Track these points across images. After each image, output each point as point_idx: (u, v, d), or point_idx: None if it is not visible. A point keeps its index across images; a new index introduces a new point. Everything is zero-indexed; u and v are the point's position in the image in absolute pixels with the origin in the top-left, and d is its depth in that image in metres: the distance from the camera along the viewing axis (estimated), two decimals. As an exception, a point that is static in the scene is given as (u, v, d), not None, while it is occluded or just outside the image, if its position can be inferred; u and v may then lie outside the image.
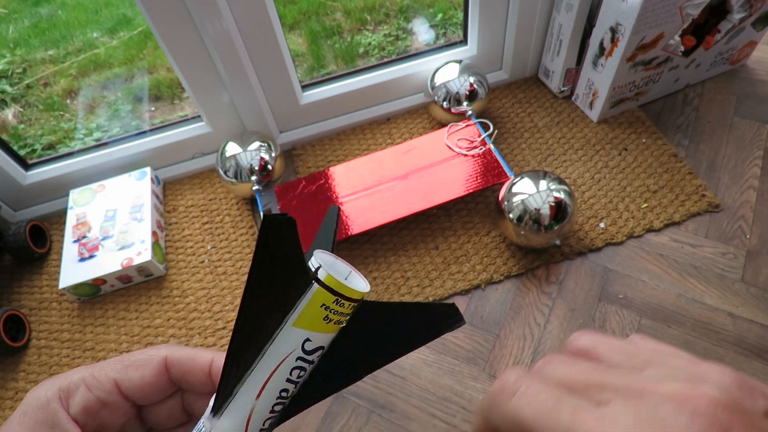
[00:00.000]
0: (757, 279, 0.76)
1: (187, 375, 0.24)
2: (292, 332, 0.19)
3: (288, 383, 0.20)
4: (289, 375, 0.20)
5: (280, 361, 0.19)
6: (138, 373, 0.23)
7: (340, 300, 0.19)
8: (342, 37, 1.49)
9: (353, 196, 0.87)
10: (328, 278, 0.19)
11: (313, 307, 0.19)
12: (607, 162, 0.93)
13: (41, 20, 1.70)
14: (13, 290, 0.90)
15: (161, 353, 0.24)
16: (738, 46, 0.98)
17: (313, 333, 0.19)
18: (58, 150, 1.27)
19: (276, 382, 0.20)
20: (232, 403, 0.20)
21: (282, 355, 0.19)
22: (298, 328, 0.19)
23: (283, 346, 0.19)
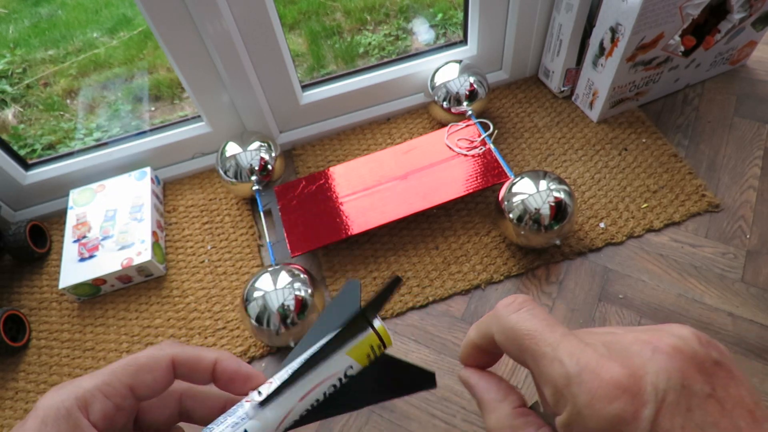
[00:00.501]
0: (757, 279, 0.76)
1: (192, 373, 0.25)
2: (344, 359, 0.24)
3: (323, 395, 0.24)
4: (326, 389, 0.24)
5: (327, 376, 0.24)
6: (150, 376, 0.24)
7: (381, 345, 0.24)
8: (342, 37, 1.49)
9: (353, 196, 0.87)
10: (381, 328, 0.24)
11: (364, 345, 0.24)
12: (607, 162, 0.93)
13: (41, 20, 1.70)
14: (13, 290, 0.90)
15: (167, 353, 0.25)
16: (738, 46, 0.98)
17: (356, 363, 0.24)
18: (58, 150, 1.27)
19: (317, 392, 0.24)
20: (278, 399, 0.23)
21: (330, 372, 0.24)
22: (349, 356, 0.24)
23: (334, 366, 0.24)
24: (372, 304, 0.24)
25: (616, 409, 0.16)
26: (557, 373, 0.18)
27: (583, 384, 0.17)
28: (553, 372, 0.18)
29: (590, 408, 0.17)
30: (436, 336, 0.76)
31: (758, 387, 0.67)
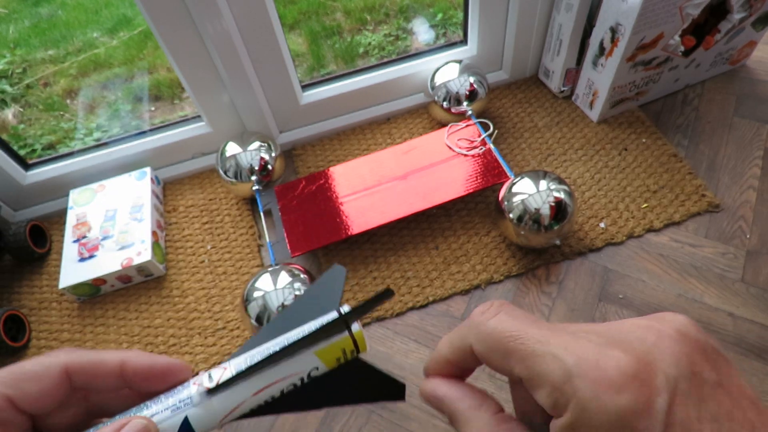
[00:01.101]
0: (757, 279, 0.76)
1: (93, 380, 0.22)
2: (311, 358, 0.22)
3: (280, 393, 0.22)
4: (285, 387, 0.22)
5: (288, 374, 0.22)
6: (35, 386, 0.21)
7: (354, 351, 0.23)
8: (342, 37, 1.49)
9: (353, 196, 0.87)
10: (359, 333, 0.22)
11: (336, 348, 0.22)
12: (607, 162, 0.93)
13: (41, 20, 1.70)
14: (13, 290, 0.90)
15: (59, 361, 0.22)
16: (738, 46, 0.98)
17: (322, 365, 0.22)
18: (58, 150, 1.27)
19: (274, 389, 0.22)
20: (230, 391, 0.21)
21: (293, 371, 0.22)
22: (317, 357, 0.22)
23: (298, 365, 0.22)
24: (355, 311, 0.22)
25: (627, 400, 0.15)
26: (553, 370, 0.16)
27: (586, 376, 0.15)
28: (549, 369, 0.16)
29: (597, 401, 0.15)
30: (436, 336, 0.76)
31: (758, 387, 0.67)
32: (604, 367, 0.15)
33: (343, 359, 0.23)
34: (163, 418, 0.21)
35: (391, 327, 0.78)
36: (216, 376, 0.21)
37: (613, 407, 0.15)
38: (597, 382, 0.15)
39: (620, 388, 0.15)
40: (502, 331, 0.18)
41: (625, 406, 0.15)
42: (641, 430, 0.15)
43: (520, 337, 0.18)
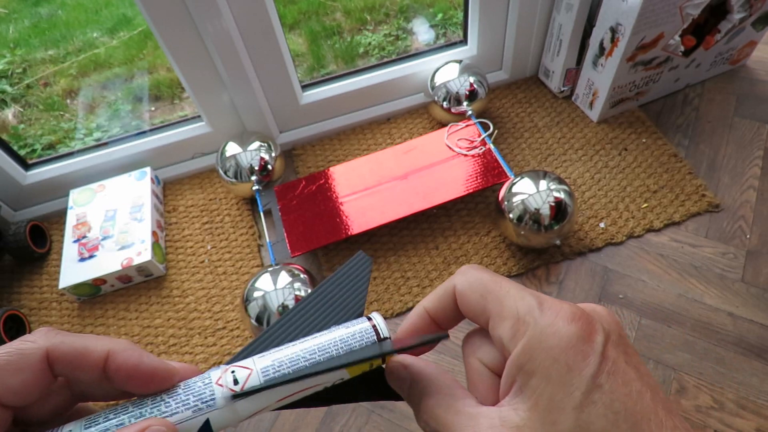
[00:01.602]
0: (757, 279, 0.76)
1: (75, 371, 0.20)
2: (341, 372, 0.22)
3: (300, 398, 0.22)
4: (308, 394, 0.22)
5: (315, 384, 0.22)
6: (16, 378, 0.19)
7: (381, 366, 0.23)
8: (342, 37, 1.49)
9: (353, 196, 0.87)
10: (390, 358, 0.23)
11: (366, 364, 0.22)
12: (607, 162, 0.93)
13: (41, 20, 1.70)
14: (13, 290, 0.90)
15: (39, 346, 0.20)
16: (738, 46, 0.98)
17: (348, 376, 0.22)
18: (58, 150, 1.27)
19: (298, 396, 0.22)
20: (256, 396, 0.21)
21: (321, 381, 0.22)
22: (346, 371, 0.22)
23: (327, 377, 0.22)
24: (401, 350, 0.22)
25: (576, 328, 0.18)
26: (521, 305, 0.20)
27: (545, 310, 0.19)
28: (517, 304, 0.20)
29: (553, 326, 0.19)
30: (436, 336, 0.76)
31: (758, 387, 0.67)
32: (560, 307, 0.19)
33: (367, 370, 0.23)
34: (182, 418, 0.20)
35: (392, 327, 0.78)
36: (241, 379, 0.20)
37: (565, 332, 0.18)
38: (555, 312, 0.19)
39: (571, 320, 0.19)
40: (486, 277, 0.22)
41: (575, 332, 0.18)
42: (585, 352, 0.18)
43: (500, 282, 0.21)
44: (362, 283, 0.24)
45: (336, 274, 0.24)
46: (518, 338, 0.19)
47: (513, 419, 0.18)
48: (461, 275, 0.23)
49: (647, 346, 0.72)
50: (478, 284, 0.22)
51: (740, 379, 0.68)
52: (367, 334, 0.22)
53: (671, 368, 0.70)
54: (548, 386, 0.18)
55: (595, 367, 0.18)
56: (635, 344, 0.72)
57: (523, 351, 0.19)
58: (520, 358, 0.19)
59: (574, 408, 0.17)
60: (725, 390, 0.67)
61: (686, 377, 0.69)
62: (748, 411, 0.65)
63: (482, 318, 0.22)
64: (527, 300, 0.20)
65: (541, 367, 0.18)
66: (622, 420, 0.17)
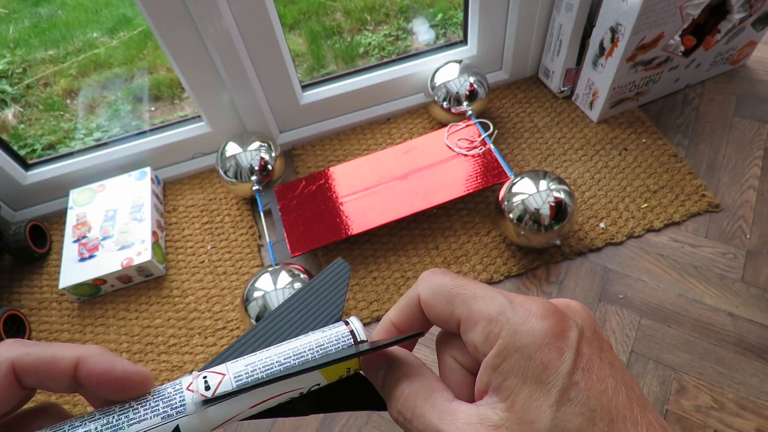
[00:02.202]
0: (757, 279, 0.76)
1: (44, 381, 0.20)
2: (315, 376, 0.22)
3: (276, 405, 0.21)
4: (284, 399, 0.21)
5: (289, 390, 0.21)
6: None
7: (357, 369, 0.23)
8: (342, 37, 1.49)
9: (353, 196, 0.87)
10: None
11: (341, 367, 0.22)
12: (607, 162, 0.93)
13: (41, 20, 1.70)
14: (13, 290, 0.90)
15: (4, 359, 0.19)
16: (738, 46, 0.98)
17: (324, 380, 0.22)
18: (58, 150, 1.27)
19: (272, 402, 0.21)
20: (228, 402, 0.20)
21: (295, 386, 0.21)
22: (321, 374, 0.22)
23: (301, 382, 0.21)
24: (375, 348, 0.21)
25: (550, 324, 0.18)
26: (491, 306, 0.20)
27: (517, 309, 0.19)
28: (487, 306, 0.20)
29: (525, 325, 0.18)
30: (435, 336, 0.76)
31: (758, 387, 0.67)
32: (531, 305, 0.19)
33: (345, 376, 0.22)
34: (151, 425, 0.19)
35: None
36: (213, 384, 0.20)
37: (539, 329, 0.18)
38: (526, 313, 0.19)
39: (544, 317, 0.19)
40: (449, 283, 0.21)
41: (549, 328, 0.18)
42: (560, 348, 0.18)
43: (464, 285, 0.21)
44: (340, 289, 0.23)
45: (314, 280, 0.24)
46: (492, 340, 0.19)
47: (491, 417, 0.18)
48: (423, 282, 0.22)
49: (647, 346, 0.72)
50: (442, 290, 0.21)
51: (740, 379, 0.68)
52: (343, 337, 0.22)
53: (671, 368, 0.70)
54: (525, 385, 0.18)
55: (570, 364, 0.18)
56: (635, 344, 0.72)
57: (497, 352, 0.19)
58: (495, 360, 0.19)
59: (550, 406, 0.17)
60: (725, 390, 0.67)
61: (686, 377, 0.69)
62: (748, 411, 0.65)
63: (452, 324, 0.21)
64: (497, 300, 0.20)
65: (516, 366, 0.18)
66: (599, 417, 0.17)
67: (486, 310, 0.20)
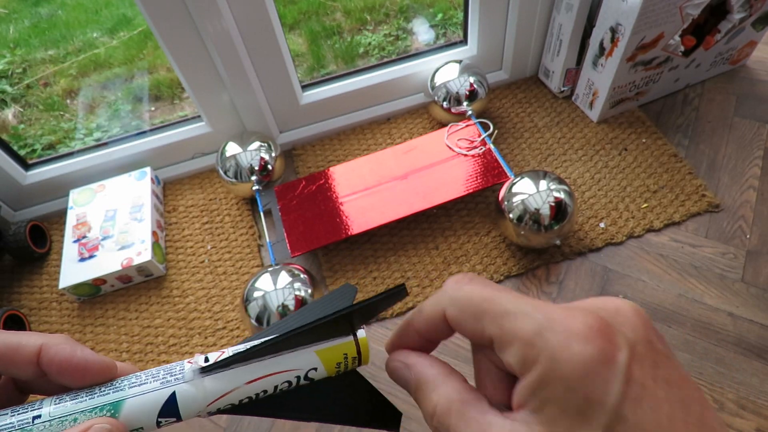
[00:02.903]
0: (757, 279, 0.76)
1: (9, 368, 0.21)
2: (311, 356, 0.22)
3: (273, 389, 0.22)
4: (280, 383, 0.22)
5: (286, 369, 0.21)
6: None
7: (357, 359, 0.22)
8: (342, 37, 1.49)
9: (353, 196, 0.87)
10: (363, 340, 0.22)
11: (338, 350, 0.22)
12: (607, 162, 0.93)
13: (41, 20, 1.70)
14: (13, 290, 0.90)
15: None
16: (738, 46, 0.98)
17: (321, 366, 0.22)
18: (58, 150, 1.27)
19: (268, 382, 0.21)
20: (224, 374, 0.21)
21: (291, 365, 0.21)
22: (317, 356, 0.22)
23: (297, 361, 0.21)
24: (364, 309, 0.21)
25: (594, 349, 0.16)
26: (525, 325, 0.17)
27: (556, 329, 0.17)
28: (520, 326, 0.17)
29: (566, 350, 0.16)
30: (436, 336, 0.76)
31: (758, 387, 0.67)
32: (572, 323, 0.17)
33: (343, 366, 0.22)
34: (150, 388, 0.20)
35: (391, 327, 0.78)
36: (212, 358, 0.21)
37: (581, 356, 0.16)
38: (568, 332, 0.16)
39: (588, 339, 0.16)
40: (476, 296, 0.19)
41: (592, 354, 0.16)
42: (605, 378, 0.16)
43: (493, 300, 0.19)
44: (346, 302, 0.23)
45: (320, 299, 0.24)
46: (528, 364, 0.17)
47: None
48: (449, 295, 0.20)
49: (647, 346, 0.72)
50: (469, 306, 0.19)
51: (740, 379, 0.68)
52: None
53: (671, 368, 0.69)
54: (565, 417, 0.16)
55: (618, 396, 0.16)
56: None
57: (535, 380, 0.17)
58: (533, 385, 0.17)
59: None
60: (725, 390, 0.67)
61: (686, 377, 0.68)
62: (748, 411, 0.65)
63: (483, 341, 0.19)
64: (532, 318, 0.17)
65: (556, 396, 0.16)
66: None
67: (520, 331, 0.17)
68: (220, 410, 0.22)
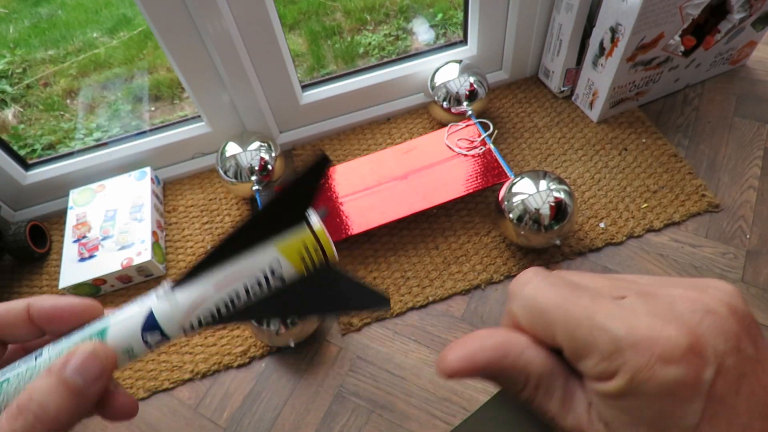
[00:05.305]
0: (757, 279, 0.76)
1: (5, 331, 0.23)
2: (271, 252, 0.23)
3: (244, 292, 0.23)
4: (250, 284, 0.23)
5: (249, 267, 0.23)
6: None
7: (319, 249, 0.23)
8: (342, 37, 1.49)
9: (353, 196, 0.87)
10: (320, 230, 0.23)
11: (296, 242, 0.23)
12: (607, 162, 0.93)
13: (41, 20, 1.70)
14: (13, 290, 0.90)
15: None
16: (738, 46, 0.98)
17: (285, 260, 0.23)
18: (58, 150, 1.27)
19: (236, 285, 0.23)
20: (191, 284, 0.23)
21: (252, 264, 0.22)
22: (278, 250, 0.23)
23: (258, 259, 0.22)
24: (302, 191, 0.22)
25: (679, 372, 0.15)
26: (602, 340, 0.16)
27: (638, 347, 0.15)
28: (597, 340, 0.16)
29: (649, 372, 0.15)
30: (436, 336, 0.76)
31: (758, 387, 0.67)
32: (657, 339, 0.15)
33: (308, 259, 0.23)
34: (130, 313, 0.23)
35: (391, 327, 0.78)
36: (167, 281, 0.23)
37: (666, 378, 0.15)
38: (651, 352, 0.15)
39: (673, 360, 0.15)
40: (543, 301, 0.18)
41: (677, 377, 0.15)
42: (685, 398, 0.15)
43: (562, 306, 0.17)
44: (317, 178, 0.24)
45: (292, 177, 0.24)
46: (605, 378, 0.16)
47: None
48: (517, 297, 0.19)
49: (647, 346, 0.72)
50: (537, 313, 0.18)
51: (740, 379, 0.68)
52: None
53: (671, 368, 0.69)
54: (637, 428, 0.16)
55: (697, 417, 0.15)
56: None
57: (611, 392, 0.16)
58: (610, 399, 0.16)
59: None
60: (725, 390, 0.67)
61: (686, 377, 0.68)
62: (748, 411, 0.65)
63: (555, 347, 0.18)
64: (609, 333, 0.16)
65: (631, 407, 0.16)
66: None
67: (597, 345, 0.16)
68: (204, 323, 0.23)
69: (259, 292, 0.23)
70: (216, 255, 0.22)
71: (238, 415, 0.72)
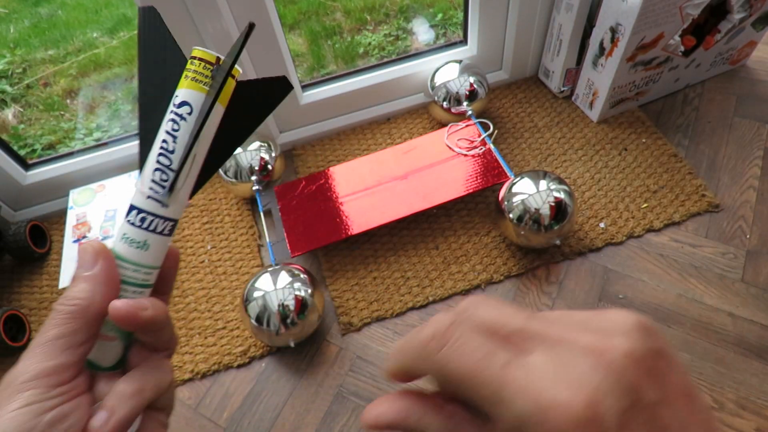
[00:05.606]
0: (757, 279, 0.76)
1: None
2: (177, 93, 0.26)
3: (167, 134, 0.26)
4: (167, 129, 0.26)
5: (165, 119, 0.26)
6: None
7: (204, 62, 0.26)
8: (342, 37, 1.49)
9: (353, 196, 0.87)
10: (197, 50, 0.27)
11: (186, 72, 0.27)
12: (607, 162, 0.93)
13: (41, 20, 1.70)
14: (13, 290, 0.90)
15: None
16: (738, 46, 0.98)
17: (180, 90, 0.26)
18: (58, 150, 1.27)
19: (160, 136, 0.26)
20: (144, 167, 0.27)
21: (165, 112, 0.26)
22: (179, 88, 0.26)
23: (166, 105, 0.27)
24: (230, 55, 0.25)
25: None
26: (509, 416, 0.17)
27: (540, 425, 0.16)
28: (504, 414, 0.17)
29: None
30: (436, 336, 0.76)
31: (758, 387, 0.67)
32: (557, 414, 0.16)
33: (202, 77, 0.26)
34: None
35: (391, 327, 0.78)
36: None
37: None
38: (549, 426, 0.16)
39: None
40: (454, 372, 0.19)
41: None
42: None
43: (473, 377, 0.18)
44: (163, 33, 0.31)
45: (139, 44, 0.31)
46: None
47: None
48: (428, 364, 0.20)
49: (647, 346, 0.72)
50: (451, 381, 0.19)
51: (740, 379, 0.68)
52: None
53: (671, 368, 0.69)
54: None
55: None
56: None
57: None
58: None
59: None
60: (725, 390, 0.67)
61: (686, 377, 0.68)
62: (748, 411, 0.65)
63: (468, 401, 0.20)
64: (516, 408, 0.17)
65: None
66: None
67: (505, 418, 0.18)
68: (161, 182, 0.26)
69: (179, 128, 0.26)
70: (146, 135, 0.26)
71: (238, 415, 0.72)
